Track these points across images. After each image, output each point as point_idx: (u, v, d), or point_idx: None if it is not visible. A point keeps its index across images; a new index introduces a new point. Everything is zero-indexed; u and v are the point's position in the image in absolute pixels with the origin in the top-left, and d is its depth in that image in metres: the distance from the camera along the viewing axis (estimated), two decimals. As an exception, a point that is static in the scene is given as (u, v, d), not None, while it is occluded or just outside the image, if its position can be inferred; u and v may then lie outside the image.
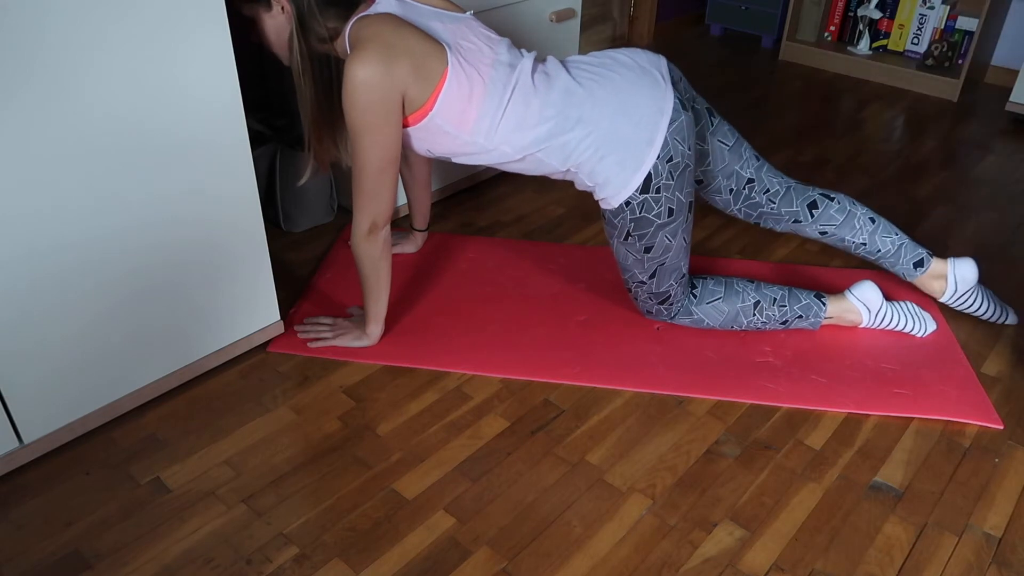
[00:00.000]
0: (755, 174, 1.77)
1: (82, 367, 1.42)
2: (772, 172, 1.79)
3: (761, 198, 1.79)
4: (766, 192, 1.78)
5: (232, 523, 1.34)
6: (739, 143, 1.75)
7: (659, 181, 1.54)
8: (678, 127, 1.54)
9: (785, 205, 1.79)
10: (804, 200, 1.80)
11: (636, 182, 1.54)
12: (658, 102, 1.53)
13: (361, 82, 1.41)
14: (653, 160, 1.52)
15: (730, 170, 1.75)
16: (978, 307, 1.85)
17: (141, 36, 1.27)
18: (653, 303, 1.75)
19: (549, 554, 1.31)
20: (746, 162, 1.76)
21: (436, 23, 1.53)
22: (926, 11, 3.34)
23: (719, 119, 1.73)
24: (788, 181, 1.80)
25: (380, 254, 1.60)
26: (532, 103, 1.52)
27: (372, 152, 1.48)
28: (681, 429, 1.56)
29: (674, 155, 1.54)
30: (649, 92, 1.54)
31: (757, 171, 1.77)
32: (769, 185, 1.78)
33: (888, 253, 1.83)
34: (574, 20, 2.42)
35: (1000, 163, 2.69)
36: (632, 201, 1.56)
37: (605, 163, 1.54)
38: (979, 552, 1.35)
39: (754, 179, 1.77)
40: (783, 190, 1.79)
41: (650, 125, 1.52)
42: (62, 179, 1.27)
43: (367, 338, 1.71)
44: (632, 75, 1.56)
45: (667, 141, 1.52)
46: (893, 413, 1.61)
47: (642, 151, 1.52)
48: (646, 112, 1.52)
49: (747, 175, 1.76)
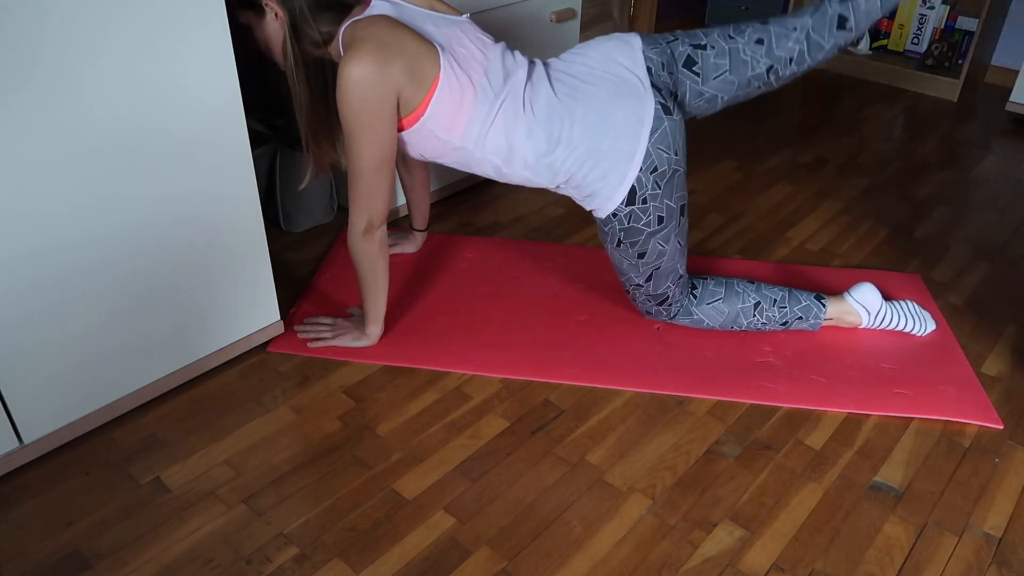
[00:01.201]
0: (767, 61, 1.60)
1: (82, 367, 1.42)
2: (779, 45, 1.60)
3: (786, 71, 1.63)
4: (789, 62, 1.61)
5: (232, 523, 1.34)
6: (735, 56, 1.60)
7: (644, 192, 1.53)
8: (661, 135, 1.52)
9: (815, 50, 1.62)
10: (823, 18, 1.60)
11: (620, 196, 1.53)
12: (638, 112, 1.51)
13: (356, 81, 1.41)
14: (635, 173, 1.52)
15: (745, 79, 1.62)
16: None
17: (141, 36, 1.27)
18: (652, 304, 1.75)
19: (549, 554, 1.31)
20: (753, 61, 1.60)
21: (430, 26, 1.53)
22: (926, 11, 3.34)
23: (709, 51, 1.59)
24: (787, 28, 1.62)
25: (377, 253, 1.59)
26: (520, 120, 1.52)
27: (367, 151, 1.48)
28: (681, 429, 1.57)
29: (658, 164, 1.53)
30: (628, 103, 1.51)
31: (768, 55, 1.60)
32: (784, 55, 1.61)
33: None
34: (574, 20, 2.42)
35: (1000, 163, 2.69)
36: (619, 212, 1.56)
37: (590, 178, 1.54)
38: (979, 552, 1.35)
39: (771, 64, 1.61)
40: (797, 47, 1.61)
41: (630, 138, 1.51)
42: (62, 179, 1.27)
43: (367, 338, 1.71)
44: (611, 85, 1.53)
45: (649, 152, 1.51)
46: (893, 413, 1.61)
47: (624, 165, 1.52)
48: (626, 125, 1.51)
49: (762, 68, 1.61)
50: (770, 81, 1.63)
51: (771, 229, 2.25)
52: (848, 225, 2.29)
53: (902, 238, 2.23)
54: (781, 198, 2.42)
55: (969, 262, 2.13)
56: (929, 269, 2.09)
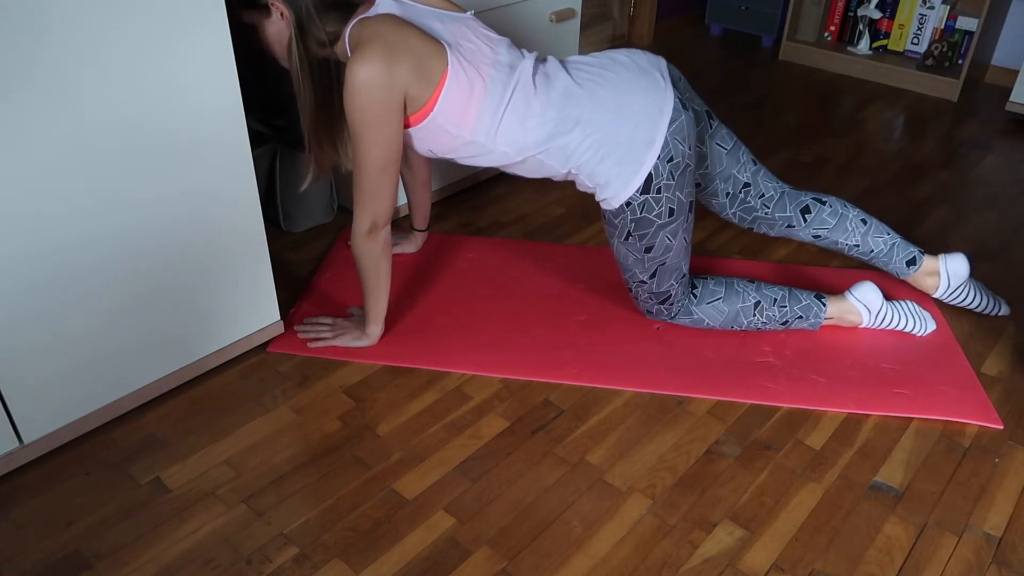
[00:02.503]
0: (751, 178, 1.77)
1: (82, 367, 1.42)
2: (768, 177, 1.80)
3: (756, 202, 1.79)
4: (761, 196, 1.79)
5: (232, 523, 1.34)
6: (737, 146, 1.75)
7: (660, 181, 1.54)
8: (678, 127, 1.53)
9: (779, 210, 1.80)
10: (797, 205, 1.80)
11: (637, 183, 1.54)
12: (658, 102, 1.53)
13: (363, 81, 1.41)
14: (653, 160, 1.52)
15: (727, 173, 1.75)
16: (971, 300, 1.87)
17: (141, 36, 1.27)
18: (653, 303, 1.75)
19: (549, 554, 1.31)
20: (743, 166, 1.76)
21: (436, 23, 1.53)
22: (926, 11, 3.34)
23: (718, 122, 1.73)
24: (783, 186, 1.81)
25: (380, 254, 1.60)
26: (532, 104, 1.52)
27: (373, 152, 1.48)
28: (681, 429, 1.57)
29: (675, 155, 1.54)
30: (649, 92, 1.54)
31: (754, 175, 1.77)
32: (764, 190, 1.79)
33: (881, 253, 1.83)
34: (574, 20, 2.42)
35: (1000, 163, 2.69)
36: (633, 202, 1.56)
37: (605, 164, 1.54)
38: (979, 552, 1.35)
39: (750, 183, 1.77)
40: (777, 195, 1.80)
41: (650, 125, 1.52)
42: (62, 179, 1.27)
43: (367, 338, 1.71)
44: (631, 75, 1.55)
45: (667, 141, 1.52)
46: (893, 413, 1.61)
47: (642, 152, 1.52)
48: (646, 112, 1.52)
49: (744, 179, 1.77)
50: (739, 195, 1.80)
51: (765, 234, 2.25)
52: (848, 225, 2.28)
53: (902, 238, 2.23)
54: (781, 198, 2.42)
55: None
56: (929, 269, 2.09)
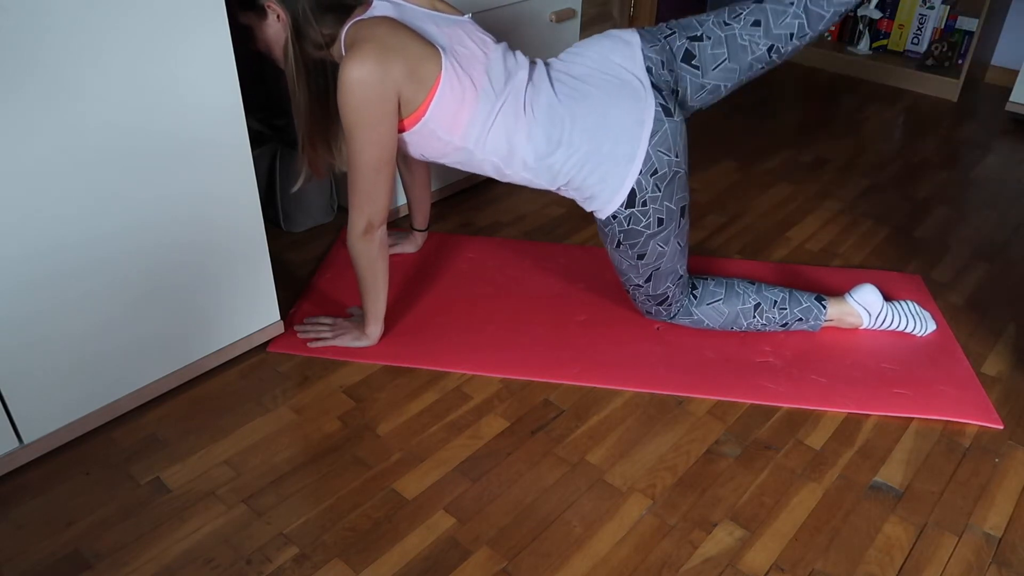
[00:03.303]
0: (767, 41, 1.58)
1: (82, 367, 1.42)
2: (777, 23, 1.58)
3: (788, 47, 1.60)
4: (790, 38, 1.59)
5: (232, 523, 1.35)
6: (732, 43, 1.58)
7: (644, 195, 1.53)
8: (661, 137, 1.51)
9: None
10: None
11: (620, 198, 1.53)
12: (637, 114, 1.51)
13: (357, 81, 1.41)
14: (635, 176, 1.51)
15: (747, 63, 1.60)
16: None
17: (141, 37, 1.27)
18: (651, 304, 1.75)
19: (549, 554, 1.31)
20: (752, 44, 1.58)
21: (431, 26, 1.53)
22: (926, 11, 3.34)
23: (706, 42, 1.58)
24: None
25: (376, 254, 1.59)
26: (520, 118, 1.52)
27: (367, 151, 1.48)
28: (681, 429, 1.57)
29: (659, 167, 1.52)
30: (628, 105, 1.51)
31: (766, 35, 1.58)
32: (784, 32, 1.58)
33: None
34: (574, 20, 2.42)
35: (1000, 163, 2.69)
36: (618, 215, 1.56)
37: (590, 180, 1.54)
38: (979, 552, 1.35)
39: (772, 43, 1.59)
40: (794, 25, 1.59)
41: (630, 140, 1.50)
42: (62, 179, 1.27)
43: (367, 338, 1.71)
44: (611, 87, 1.52)
45: (649, 155, 1.51)
46: (893, 413, 1.61)
47: (623, 167, 1.51)
48: (625, 127, 1.50)
49: (763, 49, 1.59)
50: (772, 60, 1.61)
51: (771, 229, 2.25)
52: (848, 225, 2.29)
53: (902, 238, 2.23)
54: (781, 198, 2.42)
55: (969, 262, 2.13)
56: (929, 269, 2.09)
